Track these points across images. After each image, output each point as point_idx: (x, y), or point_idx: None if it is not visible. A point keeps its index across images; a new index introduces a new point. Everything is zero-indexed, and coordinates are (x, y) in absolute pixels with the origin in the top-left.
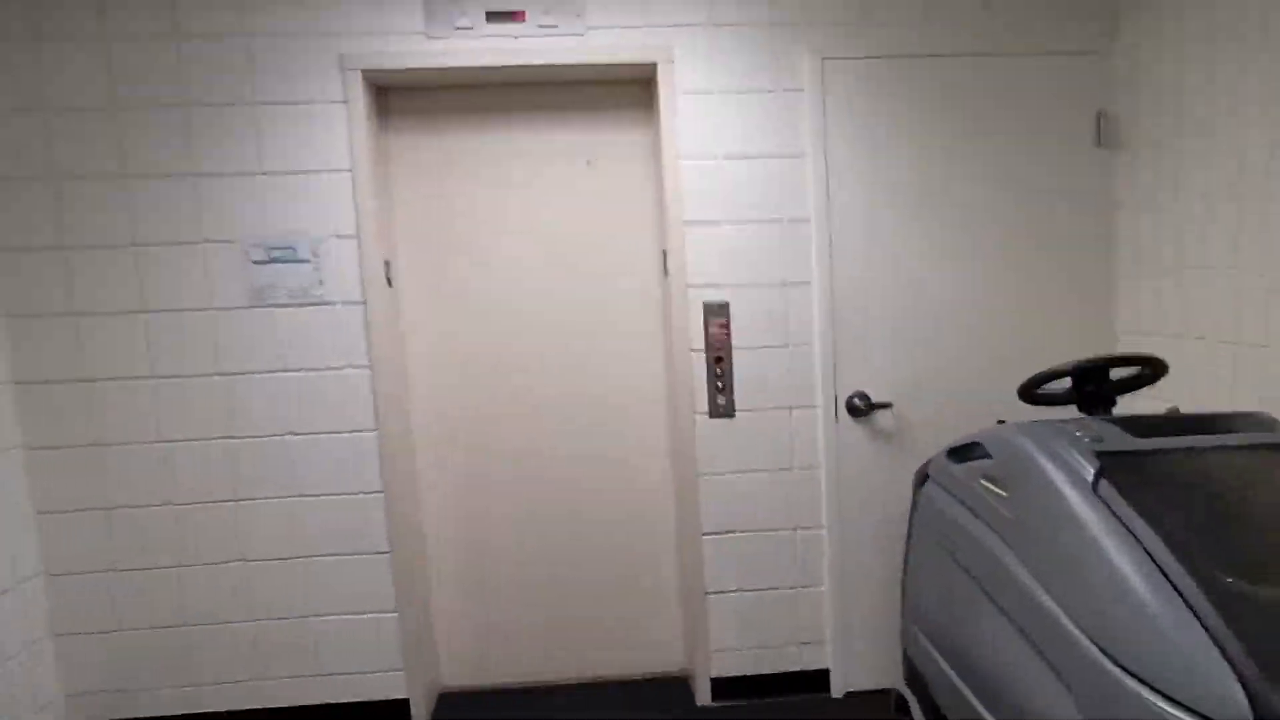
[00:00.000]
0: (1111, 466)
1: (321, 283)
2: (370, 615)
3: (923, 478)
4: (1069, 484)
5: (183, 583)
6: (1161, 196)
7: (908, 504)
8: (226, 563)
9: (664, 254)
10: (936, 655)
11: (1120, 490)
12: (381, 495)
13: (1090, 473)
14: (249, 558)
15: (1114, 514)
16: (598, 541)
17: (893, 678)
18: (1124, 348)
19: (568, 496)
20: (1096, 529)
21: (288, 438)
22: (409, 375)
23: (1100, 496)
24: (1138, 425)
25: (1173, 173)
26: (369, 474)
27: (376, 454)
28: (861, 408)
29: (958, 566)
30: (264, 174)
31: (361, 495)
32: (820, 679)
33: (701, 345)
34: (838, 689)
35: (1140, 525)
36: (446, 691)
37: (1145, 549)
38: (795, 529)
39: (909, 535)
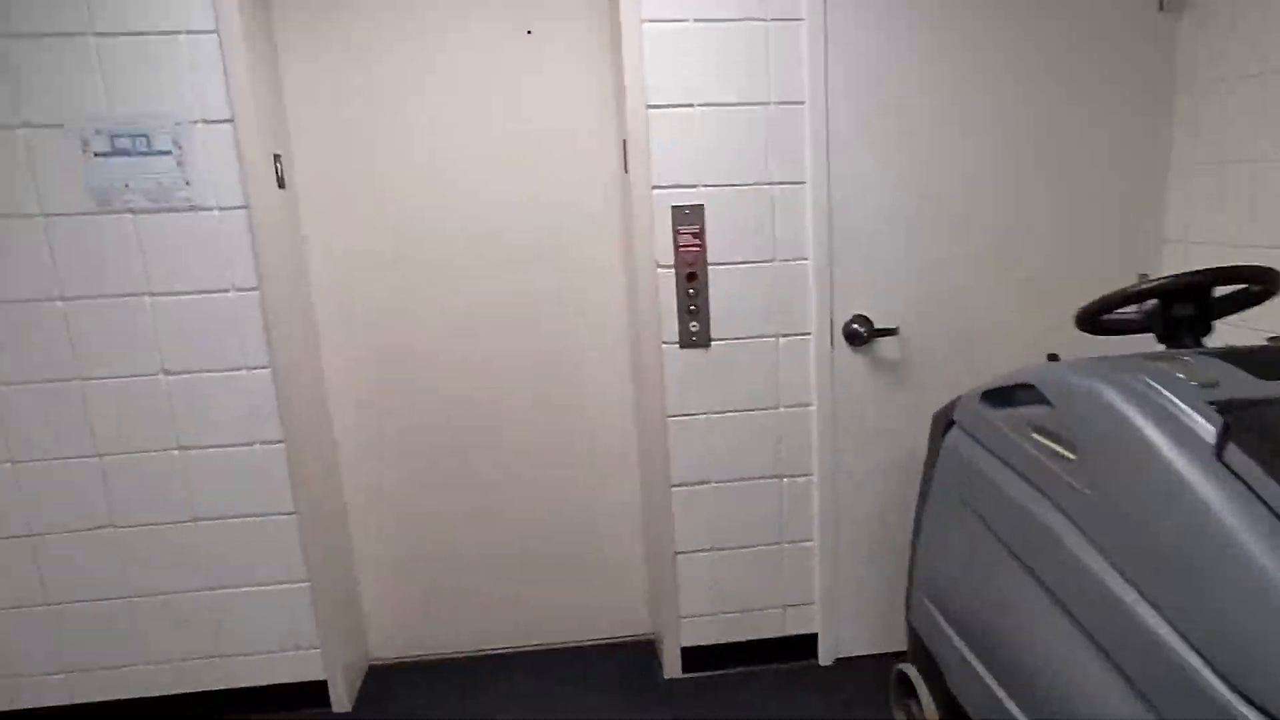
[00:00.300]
0: (1239, 424)
1: (189, 182)
2: (277, 587)
3: (946, 423)
4: (1180, 449)
5: (39, 555)
6: (1240, 68)
7: (913, 448)
8: (95, 529)
9: (623, 145)
10: (953, 635)
11: (1256, 457)
12: (282, 446)
13: (1211, 433)
14: (120, 524)
15: (1251, 491)
16: (550, 495)
17: (889, 643)
18: (1172, 258)
19: (514, 445)
20: (1225, 513)
21: (160, 378)
22: (316, 301)
23: (1228, 466)
24: (1256, 362)
25: (1255, 38)
26: (265, 421)
27: (273, 396)
28: (862, 334)
29: (992, 537)
30: (97, 34)
31: (259, 446)
32: (807, 645)
33: (670, 260)
34: (826, 655)
35: None
36: (378, 665)
37: None
38: (781, 477)
39: (924, 492)
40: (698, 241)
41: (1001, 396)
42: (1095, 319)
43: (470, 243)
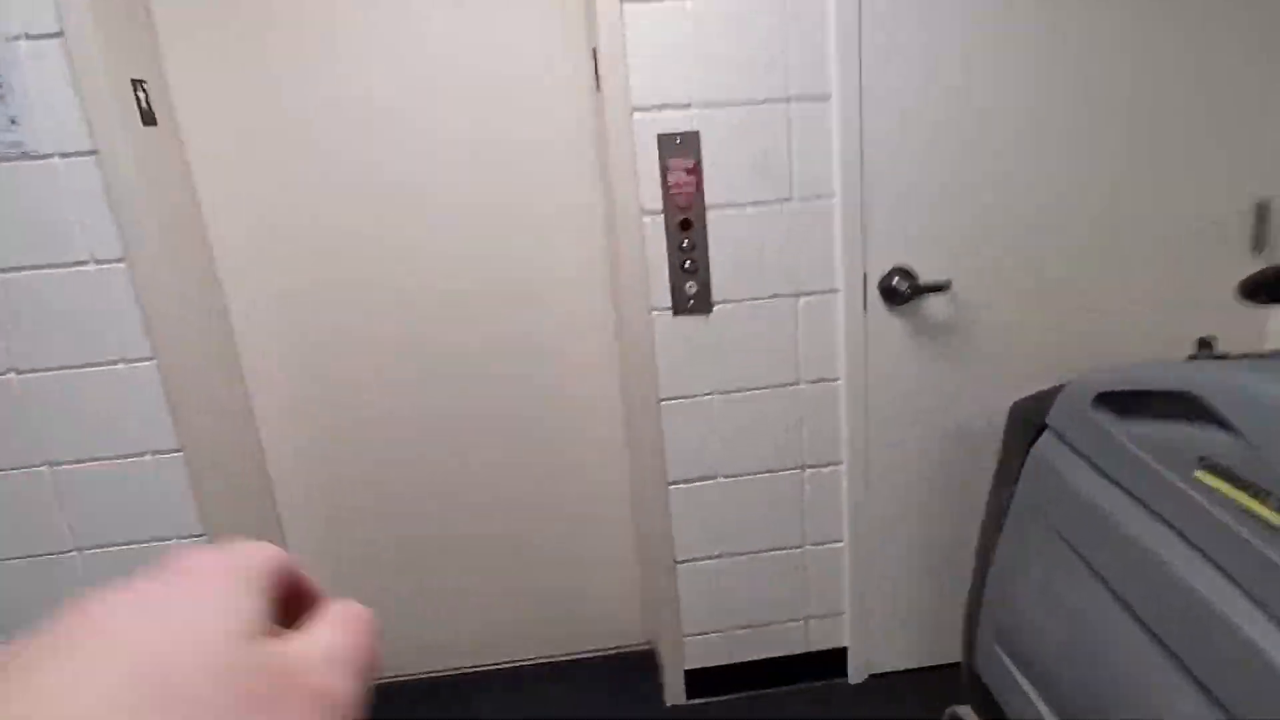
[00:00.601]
0: None
1: (15, 120)
2: None
3: (1035, 427)
4: None
5: None
6: None
7: (966, 429)
8: None
9: (594, 56)
10: (1037, 699)
11: None
12: (180, 456)
13: None
14: None
15: None
16: (526, 492)
17: (932, 654)
18: None
19: (484, 440)
20: None
21: (10, 378)
22: (225, 274)
23: None
24: None
25: None
26: (156, 426)
27: (160, 393)
28: (903, 291)
29: (1112, 599)
30: None
31: (150, 457)
32: (834, 660)
33: (658, 204)
34: (857, 672)
35: None
36: None
37: None
38: (803, 468)
39: (997, 511)
40: (693, 179)
41: (1130, 403)
42: (1274, 286)
43: (412, 196)
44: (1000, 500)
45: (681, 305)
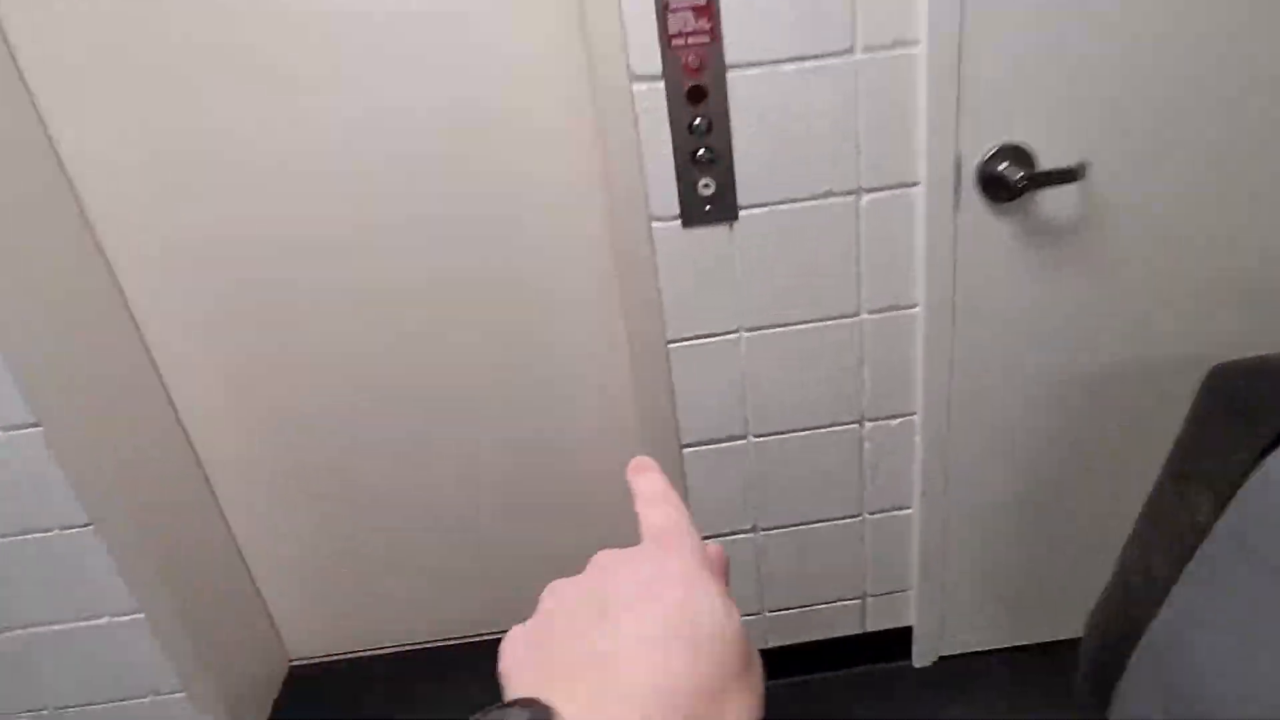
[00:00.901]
0: None
1: None
2: (93, 623)
3: (1273, 424)
4: None
5: None
6: None
7: (1092, 377)
8: None
9: None
10: None
11: None
12: (39, 431)
13: None
14: None
15: None
16: (515, 455)
17: (1010, 635)
18: None
19: (462, 386)
20: None
21: None
22: (90, 206)
23: None
24: None
25: None
26: (2, 397)
27: None
28: (1014, 181)
29: None
30: None
31: (3, 434)
32: (897, 642)
33: (655, 64)
34: (924, 655)
35: None
36: (301, 667)
37: None
38: (861, 421)
39: (1183, 530)
40: (706, 24)
41: None
42: None
43: (339, 89)
44: (1188, 515)
45: (694, 212)
